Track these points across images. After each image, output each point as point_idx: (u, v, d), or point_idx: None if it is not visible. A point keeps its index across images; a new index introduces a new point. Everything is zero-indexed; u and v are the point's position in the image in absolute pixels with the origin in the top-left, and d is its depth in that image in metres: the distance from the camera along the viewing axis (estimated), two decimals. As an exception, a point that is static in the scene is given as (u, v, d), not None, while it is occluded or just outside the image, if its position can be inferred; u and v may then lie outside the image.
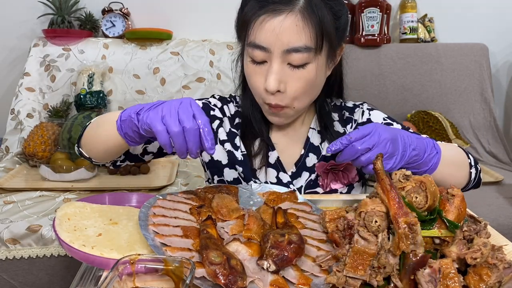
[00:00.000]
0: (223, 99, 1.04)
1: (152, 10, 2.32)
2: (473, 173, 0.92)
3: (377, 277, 0.53)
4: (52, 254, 1.38)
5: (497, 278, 0.52)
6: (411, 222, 0.53)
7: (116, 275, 0.52)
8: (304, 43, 0.80)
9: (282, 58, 0.81)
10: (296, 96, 0.85)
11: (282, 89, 0.83)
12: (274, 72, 0.81)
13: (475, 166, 0.93)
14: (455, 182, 0.88)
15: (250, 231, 0.63)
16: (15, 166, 1.88)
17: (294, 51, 0.80)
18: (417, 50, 2.27)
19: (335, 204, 0.83)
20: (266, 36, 0.80)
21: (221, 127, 0.99)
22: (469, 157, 0.93)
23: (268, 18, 0.80)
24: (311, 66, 0.83)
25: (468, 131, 2.24)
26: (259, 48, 0.81)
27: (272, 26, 0.79)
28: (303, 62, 0.81)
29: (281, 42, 0.79)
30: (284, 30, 0.79)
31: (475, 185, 0.95)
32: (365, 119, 1.00)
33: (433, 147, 0.82)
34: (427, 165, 0.82)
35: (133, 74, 2.16)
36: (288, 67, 0.82)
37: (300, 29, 0.79)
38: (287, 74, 0.83)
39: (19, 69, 2.25)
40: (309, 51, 0.81)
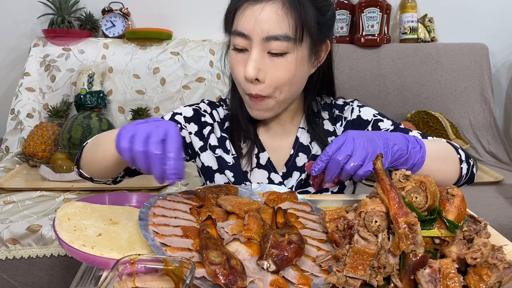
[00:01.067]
0: (212, 104, 1.05)
1: (152, 10, 2.32)
2: (464, 168, 0.89)
3: (377, 277, 0.53)
4: (52, 254, 1.38)
5: (497, 278, 0.52)
6: (411, 222, 0.53)
7: (116, 275, 0.52)
8: (283, 32, 0.81)
9: (262, 46, 0.83)
10: (277, 86, 0.86)
11: (261, 78, 0.84)
12: (253, 60, 0.83)
13: (467, 161, 0.90)
14: (444, 177, 0.86)
15: (250, 231, 0.63)
16: (15, 166, 1.88)
17: (274, 39, 0.82)
18: (417, 50, 2.27)
19: (335, 204, 0.83)
20: (247, 23, 0.82)
21: (212, 133, 1.00)
22: (459, 152, 0.90)
23: (250, 6, 0.82)
24: (291, 56, 0.84)
25: (468, 131, 2.24)
26: (240, 35, 0.84)
27: (253, 13, 0.82)
28: (282, 51, 0.83)
29: (261, 29, 0.81)
30: (264, 18, 0.81)
31: (467, 181, 0.92)
32: (355, 116, 1.00)
33: (415, 141, 0.80)
34: (414, 159, 0.79)
35: (133, 74, 2.16)
36: (268, 56, 0.84)
37: (280, 18, 0.81)
38: (266, 63, 0.84)
39: (19, 69, 2.25)
40: (288, 40, 0.82)
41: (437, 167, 0.83)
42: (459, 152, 0.90)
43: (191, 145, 1.00)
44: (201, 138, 1.00)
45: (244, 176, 0.97)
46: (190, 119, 1.00)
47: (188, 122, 1.00)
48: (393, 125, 0.98)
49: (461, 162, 0.89)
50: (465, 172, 0.89)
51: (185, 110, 1.01)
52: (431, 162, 0.80)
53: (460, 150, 0.90)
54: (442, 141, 0.92)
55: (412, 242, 0.53)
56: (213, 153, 0.99)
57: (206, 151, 1.00)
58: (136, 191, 1.52)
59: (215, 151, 0.99)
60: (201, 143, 1.00)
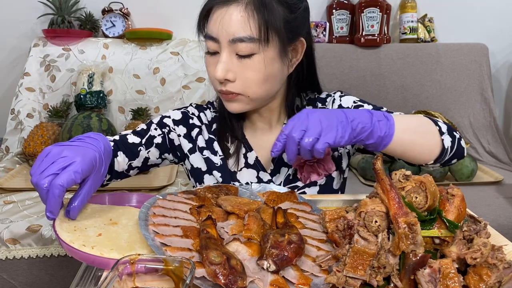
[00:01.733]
0: (199, 107, 1.07)
1: (152, 10, 2.32)
2: (448, 140, 0.84)
3: (377, 277, 0.54)
4: (52, 254, 1.39)
5: (497, 278, 0.52)
6: (411, 222, 0.53)
7: (116, 275, 0.52)
8: (248, 34, 0.83)
9: (230, 48, 0.85)
10: (247, 85, 0.87)
11: (231, 77, 0.86)
12: (222, 61, 0.85)
13: (450, 133, 0.85)
14: (422, 148, 0.82)
15: (250, 231, 0.63)
16: (15, 166, 1.88)
17: (239, 41, 0.83)
18: (417, 50, 2.27)
19: (335, 204, 0.83)
20: (214, 26, 0.85)
21: (200, 135, 1.02)
22: (438, 124, 0.85)
23: (217, 9, 0.85)
24: (258, 57, 0.85)
25: (468, 131, 2.24)
26: (210, 38, 0.87)
27: (219, 16, 0.84)
28: (249, 52, 0.84)
29: (227, 32, 0.84)
30: (228, 20, 0.83)
31: (456, 155, 0.86)
32: (336, 106, 1.00)
33: (382, 115, 0.77)
34: (380, 131, 0.76)
35: (133, 74, 2.16)
36: (237, 57, 0.86)
37: (245, 19, 0.83)
38: (235, 64, 0.86)
39: (19, 69, 2.25)
40: (253, 42, 0.84)
41: (410, 138, 0.80)
42: (438, 124, 0.85)
43: (180, 148, 1.02)
44: (190, 141, 1.01)
45: (232, 177, 0.99)
46: (179, 122, 1.02)
47: (177, 124, 1.01)
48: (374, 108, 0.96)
49: (442, 134, 0.84)
50: (449, 144, 0.84)
51: (174, 113, 1.03)
52: (402, 134, 0.78)
53: (440, 123, 0.86)
54: (419, 115, 0.89)
55: (412, 242, 0.53)
56: (202, 155, 1.00)
57: (195, 153, 1.01)
58: (136, 191, 1.52)
59: (203, 153, 1.00)
60: (190, 145, 1.01)
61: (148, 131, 0.98)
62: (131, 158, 0.94)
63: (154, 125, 1.00)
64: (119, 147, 0.92)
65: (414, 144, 0.81)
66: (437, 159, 0.84)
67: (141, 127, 1.00)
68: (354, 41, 2.28)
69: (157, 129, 0.99)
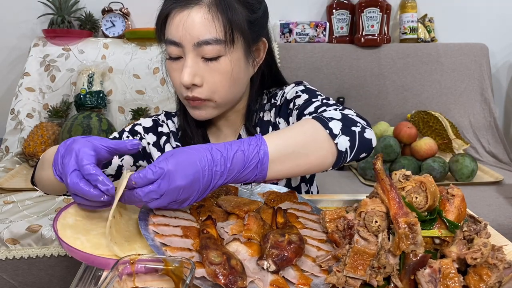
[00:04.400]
0: (167, 114, 1.06)
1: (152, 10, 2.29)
2: (343, 142, 0.73)
3: (377, 277, 0.53)
4: (52, 254, 1.38)
5: (497, 278, 0.52)
6: (411, 222, 0.53)
7: (116, 275, 0.52)
8: (213, 35, 0.81)
9: (195, 51, 0.83)
10: (214, 90, 0.86)
11: (198, 82, 0.84)
12: (188, 66, 0.83)
13: (346, 132, 0.74)
14: (310, 166, 0.72)
15: (250, 231, 0.63)
16: (15, 166, 1.88)
17: (205, 44, 0.82)
18: (417, 50, 2.27)
19: (335, 204, 0.83)
20: (176, 30, 0.82)
21: (168, 143, 1.01)
22: (329, 126, 0.73)
23: (177, 13, 0.82)
24: (225, 59, 0.84)
25: (468, 131, 2.24)
26: (172, 43, 0.84)
27: (181, 20, 0.82)
28: (215, 54, 0.83)
29: (191, 35, 0.81)
30: (192, 23, 0.81)
31: (361, 149, 0.75)
32: (283, 99, 0.99)
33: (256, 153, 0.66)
34: (251, 177, 0.67)
35: (133, 74, 2.16)
36: (202, 60, 0.84)
37: (209, 22, 0.81)
38: (202, 68, 0.84)
39: (19, 69, 2.25)
40: (219, 43, 0.82)
41: (289, 166, 0.69)
42: (329, 126, 0.73)
43: (150, 155, 1.01)
44: (159, 149, 1.00)
45: None
46: (149, 130, 1.01)
47: (147, 132, 1.00)
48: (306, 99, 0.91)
49: (334, 137, 0.72)
50: (346, 145, 0.73)
51: (145, 121, 1.02)
52: (280, 166, 0.68)
53: (331, 123, 0.74)
54: (306, 121, 0.76)
55: (412, 242, 0.53)
56: None
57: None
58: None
59: None
60: (158, 154, 1.00)
61: (121, 139, 0.96)
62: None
63: (126, 133, 0.98)
64: None
65: (299, 166, 0.71)
66: (336, 164, 0.74)
67: (113, 135, 0.98)
68: (354, 41, 2.28)
69: (129, 137, 0.97)
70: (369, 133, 0.76)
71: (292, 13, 2.34)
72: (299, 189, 1.03)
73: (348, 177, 1.98)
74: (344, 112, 0.78)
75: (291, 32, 2.30)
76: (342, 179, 1.95)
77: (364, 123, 0.78)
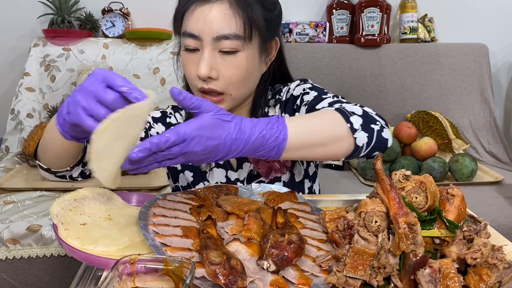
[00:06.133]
0: (175, 107, 1.08)
1: (152, 10, 2.32)
2: (362, 138, 0.74)
3: (377, 277, 0.54)
4: (52, 254, 1.39)
5: (497, 278, 0.52)
6: (411, 222, 0.53)
7: (116, 275, 0.52)
8: (233, 31, 0.84)
9: (213, 45, 0.84)
10: (231, 83, 0.87)
11: (214, 75, 0.86)
12: (205, 59, 0.84)
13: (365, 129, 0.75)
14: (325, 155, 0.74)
15: (250, 231, 0.63)
16: (15, 166, 1.87)
17: (224, 38, 0.83)
18: (417, 50, 2.27)
19: (335, 204, 0.83)
20: (196, 24, 0.84)
21: None
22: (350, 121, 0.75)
23: (198, 7, 0.84)
24: (242, 54, 0.86)
25: (468, 131, 2.24)
26: (191, 36, 0.85)
27: (201, 14, 0.83)
28: (233, 49, 0.85)
29: (211, 29, 0.83)
30: (213, 18, 0.83)
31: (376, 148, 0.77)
32: (289, 96, 1.00)
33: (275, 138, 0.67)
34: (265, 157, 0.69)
35: (133, 74, 2.16)
36: (220, 54, 0.85)
37: (229, 17, 0.83)
38: (218, 62, 0.86)
39: (19, 69, 2.25)
40: (238, 39, 0.84)
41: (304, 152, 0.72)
42: (351, 120, 0.75)
43: None
44: None
45: (203, 176, 1.00)
46: (158, 120, 1.03)
47: (156, 122, 1.02)
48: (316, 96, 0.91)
49: (354, 132, 0.74)
50: (364, 141, 0.74)
51: (154, 112, 1.04)
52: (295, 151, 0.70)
53: (353, 118, 0.75)
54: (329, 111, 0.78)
55: (412, 242, 0.53)
56: None
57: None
58: (136, 191, 1.52)
59: None
60: None
61: None
62: None
63: None
64: None
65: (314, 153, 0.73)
66: (349, 157, 0.77)
67: None
68: (354, 41, 2.28)
69: None
70: (387, 133, 0.78)
71: (292, 13, 2.34)
72: (302, 184, 1.03)
73: (348, 177, 1.98)
74: (364, 108, 0.80)
75: (291, 32, 2.30)
76: (342, 179, 1.95)
77: (383, 122, 0.80)
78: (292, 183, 1.01)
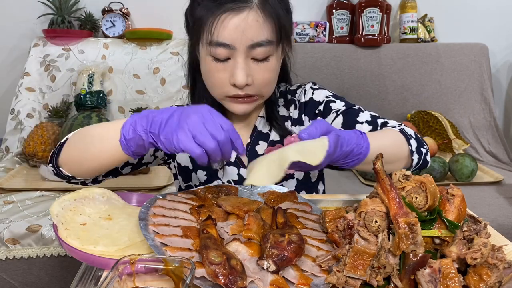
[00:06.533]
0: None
1: (152, 10, 2.32)
2: (416, 159, 0.85)
3: (377, 277, 0.53)
4: (52, 254, 1.39)
5: (497, 278, 0.52)
6: (411, 222, 0.53)
7: (116, 275, 0.52)
8: (266, 37, 0.84)
9: (246, 53, 0.85)
10: (264, 86, 0.89)
11: (250, 82, 0.87)
12: (241, 67, 0.84)
13: (418, 151, 0.85)
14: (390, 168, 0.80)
15: (250, 231, 0.63)
16: (15, 166, 1.88)
17: (258, 46, 0.84)
18: (417, 50, 2.27)
19: (335, 204, 0.83)
20: (230, 33, 0.83)
21: None
22: (410, 143, 0.85)
23: (230, 16, 0.83)
24: (273, 58, 0.87)
25: (468, 131, 2.24)
26: (222, 45, 0.84)
27: (236, 23, 0.82)
28: (266, 55, 0.86)
29: (246, 38, 0.83)
30: (247, 27, 0.83)
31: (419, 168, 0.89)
32: (307, 98, 1.02)
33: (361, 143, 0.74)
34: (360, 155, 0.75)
35: (133, 74, 2.16)
36: (252, 61, 0.86)
37: (261, 24, 0.84)
38: (252, 68, 0.86)
39: (19, 69, 2.25)
40: (271, 45, 0.85)
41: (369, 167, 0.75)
42: (411, 143, 0.85)
43: None
44: None
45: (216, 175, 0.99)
46: None
47: None
48: (345, 105, 0.97)
49: (412, 154, 0.85)
50: (416, 162, 0.86)
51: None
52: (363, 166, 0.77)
53: (412, 140, 0.85)
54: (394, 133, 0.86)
55: (412, 242, 0.53)
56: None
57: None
58: (136, 191, 1.52)
59: None
60: None
61: None
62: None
63: None
64: None
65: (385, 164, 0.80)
66: None
67: None
68: (354, 41, 2.28)
69: None
70: (429, 155, 0.89)
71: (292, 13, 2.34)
72: (316, 185, 1.05)
73: (348, 177, 1.98)
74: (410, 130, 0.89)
75: (291, 32, 2.30)
76: (342, 179, 1.95)
77: (427, 146, 0.89)
78: (308, 184, 1.02)
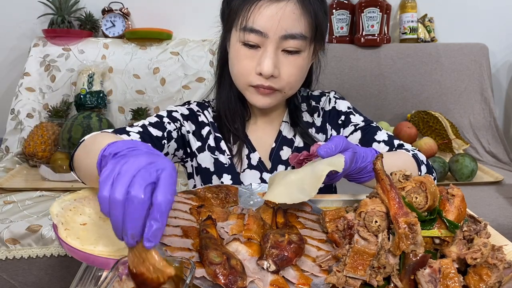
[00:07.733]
0: (201, 105, 1.03)
1: (152, 10, 2.32)
2: None
3: (377, 277, 0.53)
4: (52, 254, 1.39)
5: (497, 278, 0.52)
6: (411, 222, 0.53)
7: (116, 275, 0.52)
8: (300, 30, 0.84)
9: (278, 44, 0.84)
10: (289, 82, 0.88)
11: (276, 74, 0.85)
12: (269, 57, 0.84)
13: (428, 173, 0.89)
14: None
15: (250, 231, 0.63)
16: (15, 166, 1.88)
17: (291, 38, 0.83)
18: (417, 50, 2.27)
19: (335, 204, 0.83)
20: (265, 21, 0.82)
21: (211, 134, 0.98)
22: (421, 169, 0.88)
23: (268, 4, 0.82)
24: (304, 54, 0.87)
25: (468, 131, 2.24)
26: (255, 32, 0.83)
27: (273, 12, 0.82)
28: (297, 49, 0.85)
29: (280, 28, 0.82)
30: (283, 17, 0.82)
31: None
32: (331, 107, 1.03)
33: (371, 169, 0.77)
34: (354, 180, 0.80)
35: (133, 74, 2.16)
36: (282, 53, 0.85)
37: (298, 17, 0.83)
38: (281, 60, 0.85)
39: (19, 69, 2.25)
40: (304, 39, 0.85)
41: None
42: (421, 169, 0.88)
43: (188, 144, 0.98)
44: (199, 139, 0.98)
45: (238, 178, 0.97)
46: (187, 118, 0.98)
47: (186, 120, 0.97)
48: (364, 121, 1.00)
49: None
50: None
51: (180, 108, 0.99)
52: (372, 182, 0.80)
53: (422, 166, 0.88)
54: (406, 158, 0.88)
55: (412, 242, 0.53)
56: (212, 155, 0.97)
57: (203, 152, 0.98)
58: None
59: (214, 153, 0.98)
60: (198, 144, 0.98)
61: (163, 124, 0.91)
62: None
63: (166, 118, 0.92)
64: (145, 140, 0.84)
65: None
66: None
67: (155, 119, 0.91)
68: (354, 41, 2.28)
69: (170, 123, 0.93)
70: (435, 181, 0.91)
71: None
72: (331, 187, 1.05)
73: (348, 177, 1.97)
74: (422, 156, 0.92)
75: (291, 32, 2.30)
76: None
77: (435, 174, 0.92)
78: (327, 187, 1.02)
